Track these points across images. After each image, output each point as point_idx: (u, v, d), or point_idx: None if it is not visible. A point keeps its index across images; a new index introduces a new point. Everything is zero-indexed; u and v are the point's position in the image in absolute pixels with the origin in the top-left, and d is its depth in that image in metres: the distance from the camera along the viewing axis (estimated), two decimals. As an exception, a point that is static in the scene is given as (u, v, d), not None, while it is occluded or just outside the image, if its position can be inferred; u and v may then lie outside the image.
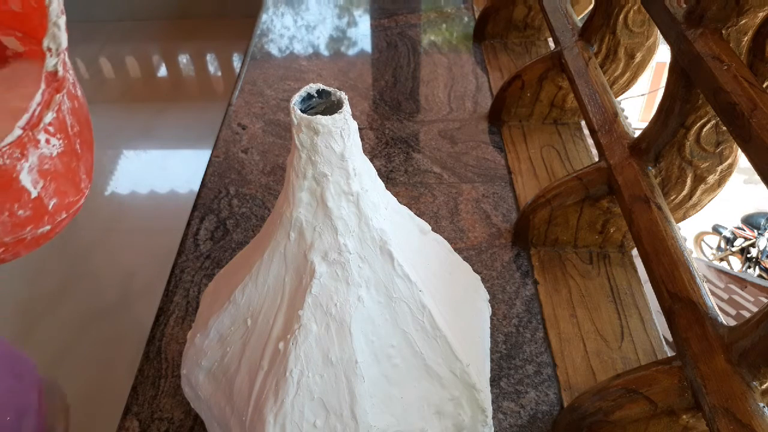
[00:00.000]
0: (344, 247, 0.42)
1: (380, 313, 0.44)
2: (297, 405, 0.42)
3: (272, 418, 0.41)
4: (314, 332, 0.42)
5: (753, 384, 0.41)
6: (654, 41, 0.77)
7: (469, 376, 0.47)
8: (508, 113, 0.91)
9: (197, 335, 0.48)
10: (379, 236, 0.43)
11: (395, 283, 0.44)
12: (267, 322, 0.45)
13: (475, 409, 0.48)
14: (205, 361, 0.47)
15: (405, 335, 0.45)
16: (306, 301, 0.42)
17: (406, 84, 1.03)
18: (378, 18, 1.24)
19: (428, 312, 0.45)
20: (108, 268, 1.66)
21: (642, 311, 0.65)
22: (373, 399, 0.43)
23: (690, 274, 0.49)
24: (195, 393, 0.49)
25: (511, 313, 0.65)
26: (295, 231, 0.42)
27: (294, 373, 0.41)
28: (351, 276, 0.42)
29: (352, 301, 0.42)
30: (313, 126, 0.38)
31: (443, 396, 0.46)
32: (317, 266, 0.42)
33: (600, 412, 0.49)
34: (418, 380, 0.45)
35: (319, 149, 0.39)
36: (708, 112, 0.53)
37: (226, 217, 0.78)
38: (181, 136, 2.06)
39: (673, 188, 0.60)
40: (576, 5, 0.96)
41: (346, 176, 0.41)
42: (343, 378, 0.42)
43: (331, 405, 0.42)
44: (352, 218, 0.42)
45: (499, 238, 0.74)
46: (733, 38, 0.50)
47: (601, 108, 0.69)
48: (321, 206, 0.41)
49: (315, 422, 0.42)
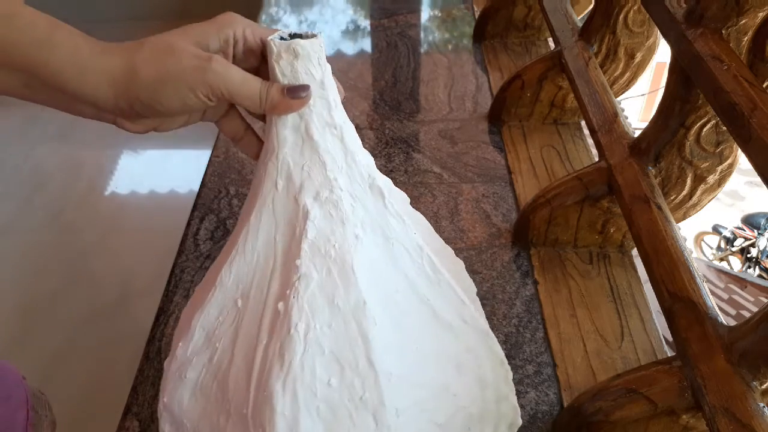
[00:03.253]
0: (335, 182, 0.40)
1: (380, 256, 0.41)
2: (307, 364, 0.37)
3: (280, 386, 0.37)
4: (316, 279, 0.38)
5: (753, 384, 0.41)
6: (654, 41, 0.77)
7: (479, 322, 0.44)
8: (508, 113, 0.91)
9: (179, 344, 0.43)
10: (367, 172, 0.41)
11: (389, 222, 0.42)
12: (261, 291, 0.41)
13: (494, 360, 0.45)
14: (191, 372, 0.42)
15: (407, 279, 0.42)
16: (303, 249, 0.39)
17: (406, 84, 1.03)
18: (378, 18, 1.24)
19: (426, 255, 0.43)
20: (108, 268, 1.66)
21: (642, 311, 0.65)
22: (388, 346, 0.39)
23: (690, 274, 0.49)
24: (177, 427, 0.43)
25: (511, 313, 0.65)
26: (283, 176, 0.40)
27: (300, 328, 0.37)
28: (345, 215, 0.40)
29: (351, 240, 0.39)
30: (293, 48, 0.37)
31: (458, 347, 0.43)
32: (310, 208, 0.39)
33: (600, 412, 0.49)
34: (429, 330, 0.42)
35: (299, 76, 0.38)
36: (708, 112, 0.53)
37: (226, 217, 0.78)
38: (181, 136, 2.06)
39: (673, 188, 0.60)
40: (576, 5, 0.96)
41: (328, 107, 0.40)
42: (353, 323, 0.38)
43: (345, 357, 0.38)
44: (339, 153, 0.40)
45: (499, 238, 0.74)
46: (733, 38, 0.50)
47: (601, 108, 0.69)
48: (307, 141, 0.40)
49: (330, 381, 0.38)
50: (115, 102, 0.35)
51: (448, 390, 0.42)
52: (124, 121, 0.38)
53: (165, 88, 0.35)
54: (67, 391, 1.28)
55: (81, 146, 2.01)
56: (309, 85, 0.38)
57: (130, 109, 0.36)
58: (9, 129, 2.11)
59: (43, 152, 2.01)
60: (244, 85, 0.37)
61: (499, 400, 0.45)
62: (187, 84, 0.35)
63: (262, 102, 0.37)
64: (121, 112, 0.36)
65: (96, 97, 0.35)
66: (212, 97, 0.36)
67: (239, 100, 0.37)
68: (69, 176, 1.94)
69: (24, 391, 0.54)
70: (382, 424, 0.38)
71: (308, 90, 0.38)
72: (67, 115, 0.38)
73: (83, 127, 2.33)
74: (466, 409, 0.43)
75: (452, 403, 0.42)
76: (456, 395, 0.42)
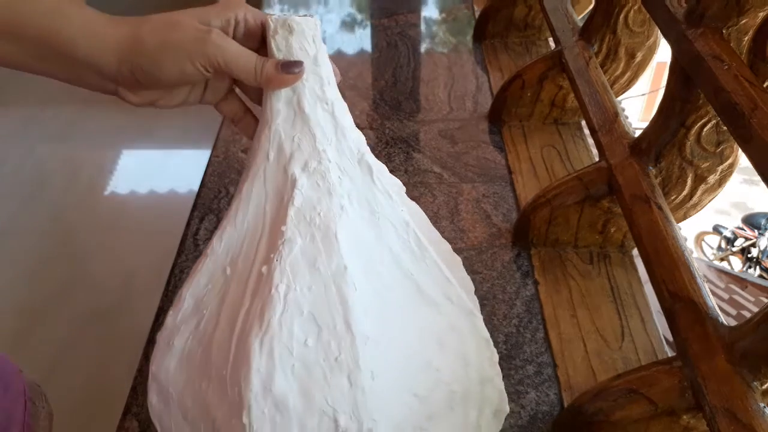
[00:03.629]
0: (323, 153, 0.41)
1: (365, 229, 0.42)
2: (285, 323, 0.38)
3: (258, 344, 0.38)
4: (299, 244, 0.40)
5: (754, 384, 0.41)
6: (654, 41, 0.77)
7: (465, 301, 0.45)
8: (508, 113, 0.91)
9: (169, 313, 0.44)
10: (356, 147, 0.43)
11: (376, 197, 0.43)
12: (248, 258, 0.42)
13: (479, 339, 0.45)
14: (178, 339, 0.43)
15: (392, 253, 0.43)
16: (289, 215, 0.40)
17: (406, 84, 1.03)
18: (378, 18, 1.24)
19: (413, 231, 0.44)
20: (108, 268, 1.66)
21: (642, 311, 0.65)
22: (367, 312, 0.40)
23: (690, 274, 0.49)
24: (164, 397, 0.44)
25: (511, 313, 0.65)
26: (274, 148, 0.42)
27: (280, 289, 0.38)
28: (332, 186, 0.41)
29: (336, 210, 0.41)
30: (288, 24, 0.39)
31: (442, 324, 0.44)
32: (298, 177, 0.41)
33: (600, 413, 0.49)
34: (413, 305, 0.43)
35: (293, 51, 0.40)
36: (708, 111, 0.53)
37: (226, 217, 0.78)
38: (181, 136, 2.06)
39: (674, 188, 0.60)
40: (576, 5, 0.96)
41: (321, 82, 0.41)
42: (333, 287, 0.39)
43: (323, 318, 0.39)
44: (329, 127, 0.42)
45: (499, 238, 0.74)
46: (734, 38, 0.49)
47: (601, 108, 0.69)
48: (299, 114, 0.41)
49: (306, 341, 0.38)
50: (118, 68, 0.37)
51: (430, 364, 0.43)
52: (125, 91, 0.39)
53: (165, 56, 0.37)
54: (68, 391, 1.28)
55: (81, 146, 2.02)
56: (302, 62, 0.40)
57: (131, 77, 0.38)
58: (9, 129, 2.11)
59: (43, 152, 2.01)
60: (241, 57, 0.38)
61: (483, 382, 0.45)
62: (186, 53, 0.37)
63: (257, 75, 0.39)
64: (123, 80, 0.38)
65: (101, 64, 0.37)
66: (209, 68, 0.38)
67: (236, 72, 0.39)
68: (69, 176, 1.94)
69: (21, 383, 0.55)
70: (356, 386, 0.38)
71: (301, 66, 0.40)
72: (67, 116, 0.39)
73: (83, 127, 2.34)
74: (448, 386, 0.43)
75: (434, 377, 0.43)
76: (438, 370, 0.43)
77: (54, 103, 2.12)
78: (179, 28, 0.37)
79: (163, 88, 0.40)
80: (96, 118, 2.02)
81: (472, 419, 0.45)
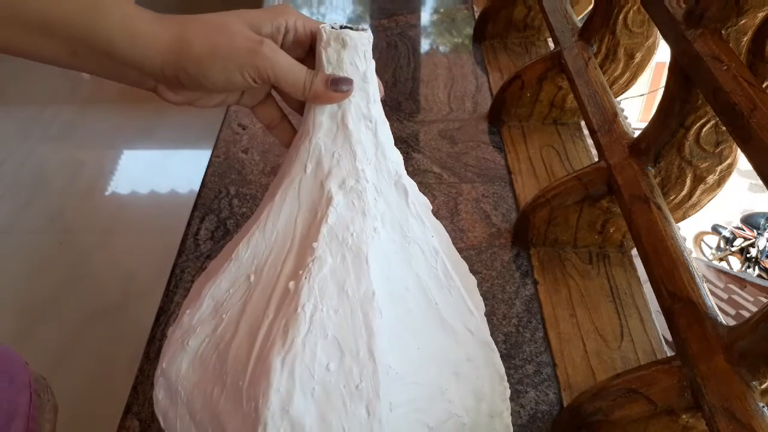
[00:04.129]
0: (362, 173, 0.40)
1: (395, 252, 0.41)
2: (309, 344, 0.37)
3: (279, 363, 0.37)
4: (329, 263, 0.39)
5: (753, 384, 0.41)
6: (654, 41, 0.77)
7: (484, 334, 0.44)
8: (507, 113, 0.91)
9: (186, 311, 0.43)
10: (395, 169, 0.42)
11: (409, 222, 0.42)
12: (275, 269, 0.40)
13: (493, 374, 0.45)
14: (194, 340, 0.42)
15: (419, 280, 0.42)
16: (321, 232, 0.39)
17: (406, 84, 1.03)
18: (378, 18, 1.24)
19: (441, 259, 0.43)
20: (108, 268, 1.66)
21: (642, 311, 0.65)
22: (390, 341, 0.39)
23: (689, 273, 0.49)
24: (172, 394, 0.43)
25: (510, 313, 0.65)
26: (313, 161, 0.41)
27: (307, 308, 0.37)
28: (367, 207, 0.40)
29: (369, 232, 0.40)
30: (342, 38, 0.38)
31: (459, 355, 0.43)
32: (334, 194, 0.40)
33: (600, 412, 0.49)
34: (433, 333, 0.42)
35: (344, 65, 0.39)
36: (707, 112, 0.54)
37: (226, 217, 0.78)
38: (181, 136, 2.06)
39: (673, 188, 0.60)
40: (576, 5, 0.96)
41: (367, 100, 0.41)
42: (360, 313, 0.38)
43: (347, 343, 0.38)
44: (370, 145, 0.41)
45: (498, 238, 0.74)
46: (733, 38, 0.50)
47: (600, 108, 0.69)
48: (341, 129, 0.40)
49: (328, 365, 0.37)
50: (162, 70, 0.36)
51: (443, 395, 0.42)
52: (165, 89, 0.38)
53: (214, 63, 0.35)
54: (68, 391, 1.28)
55: (81, 146, 2.01)
56: (352, 80, 0.39)
57: (174, 79, 0.36)
58: (9, 129, 2.11)
59: (43, 152, 2.01)
60: (291, 71, 0.37)
61: (493, 416, 0.45)
62: (237, 63, 0.36)
63: (306, 90, 0.38)
64: (165, 80, 0.37)
65: (143, 63, 0.35)
66: (258, 80, 0.37)
67: (284, 85, 0.38)
68: (69, 176, 1.94)
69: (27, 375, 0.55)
70: (374, 416, 0.38)
71: (351, 84, 0.39)
72: (67, 116, 0.38)
73: (83, 127, 2.34)
74: (459, 418, 0.43)
75: (446, 408, 0.42)
76: (451, 402, 0.42)
77: (54, 103, 2.12)
78: (229, 34, 0.35)
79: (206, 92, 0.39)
80: (96, 118, 2.01)
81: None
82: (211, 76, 0.36)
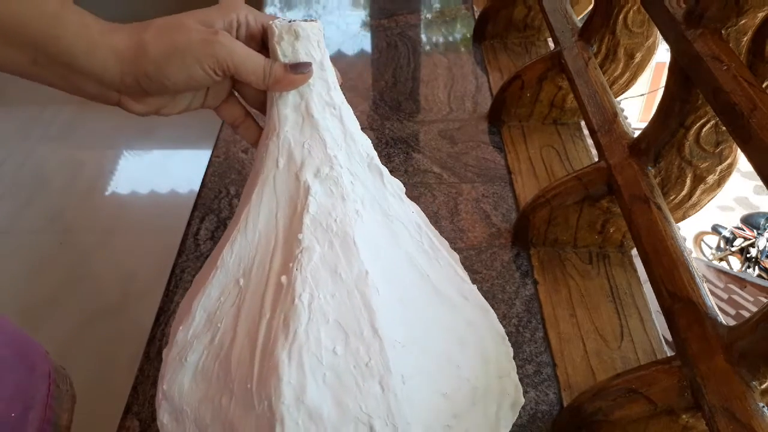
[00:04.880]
0: (335, 159, 0.41)
1: (380, 231, 0.42)
2: (312, 332, 0.37)
3: (286, 356, 0.37)
4: (318, 252, 0.39)
5: (753, 384, 0.41)
6: (654, 41, 0.77)
7: (478, 298, 0.45)
8: (507, 113, 0.91)
9: (179, 329, 0.43)
10: (365, 151, 0.43)
11: (388, 200, 0.43)
12: (263, 269, 0.41)
13: (495, 335, 0.45)
14: (192, 355, 0.42)
15: (408, 255, 0.42)
16: (305, 223, 0.39)
17: (406, 84, 1.03)
18: (378, 18, 1.24)
19: (425, 233, 0.43)
20: (108, 268, 1.66)
21: (642, 311, 0.65)
22: (392, 316, 0.39)
23: (689, 273, 0.49)
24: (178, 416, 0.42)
25: (510, 313, 0.65)
26: (284, 155, 0.41)
27: (303, 298, 0.38)
28: (346, 191, 0.41)
29: (351, 215, 0.40)
30: (294, 29, 0.39)
31: (459, 321, 0.44)
32: (311, 184, 0.40)
33: (600, 412, 0.49)
34: (430, 303, 0.43)
35: (299, 56, 0.39)
36: (707, 112, 0.54)
37: (226, 217, 0.78)
38: (181, 136, 2.06)
39: (673, 188, 0.60)
40: (576, 5, 0.96)
41: (327, 87, 0.41)
42: (356, 293, 0.39)
43: (349, 325, 0.38)
44: (338, 132, 0.42)
45: (498, 238, 0.74)
46: (733, 38, 0.50)
47: (600, 108, 0.69)
48: (307, 120, 0.41)
49: (335, 348, 0.38)
50: (122, 78, 0.36)
51: (452, 362, 0.42)
52: (128, 100, 0.38)
53: (173, 60, 0.36)
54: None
55: (81, 146, 2.02)
56: (311, 63, 0.40)
57: (136, 86, 0.36)
58: (9, 129, 2.11)
59: (43, 152, 2.01)
60: (249, 59, 0.38)
61: (501, 376, 0.45)
62: (195, 56, 0.36)
63: (266, 77, 0.39)
64: (126, 89, 0.37)
65: (103, 74, 0.35)
66: (218, 71, 0.37)
67: (244, 73, 0.38)
68: (69, 176, 1.94)
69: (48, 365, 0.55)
70: (389, 390, 0.38)
71: (310, 67, 0.40)
72: (67, 116, 0.38)
73: (83, 127, 2.35)
74: (470, 383, 0.43)
75: (457, 374, 0.42)
76: (460, 367, 0.43)
77: (54, 103, 2.12)
78: (184, 30, 0.36)
79: (169, 95, 0.39)
80: (96, 118, 2.02)
81: (491, 413, 0.45)
82: (172, 75, 0.36)
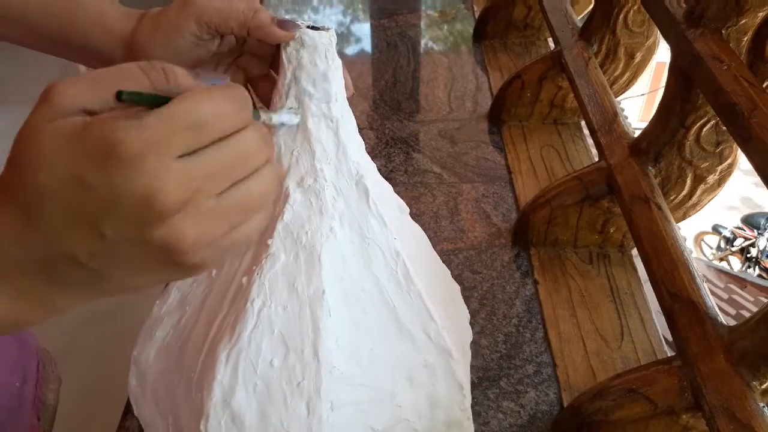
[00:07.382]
0: (320, 172, 0.40)
1: (352, 253, 0.41)
2: (255, 339, 0.38)
3: (225, 356, 0.38)
4: (282, 261, 0.39)
5: (753, 384, 0.41)
6: (654, 41, 0.77)
7: (445, 341, 0.44)
8: (508, 113, 0.91)
9: (156, 302, 0.44)
10: (356, 169, 0.42)
11: (369, 222, 0.42)
12: (233, 266, 0.41)
13: (451, 382, 0.45)
14: (160, 331, 0.43)
15: (377, 282, 0.42)
16: (277, 229, 0.39)
17: (406, 84, 1.03)
18: (378, 18, 1.24)
19: (402, 261, 0.43)
20: (108, 268, 1.66)
21: (642, 311, 0.65)
22: (339, 341, 0.40)
23: (690, 273, 0.49)
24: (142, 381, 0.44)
25: (511, 313, 0.65)
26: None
27: (255, 303, 0.38)
28: (325, 206, 0.40)
29: (324, 231, 0.40)
30: (300, 37, 0.39)
31: (416, 360, 0.43)
32: (292, 192, 0.40)
33: (600, 412, 0.49)
34: (388, 337, 0.42)
35: (304, 65, 0.39)
36: (708, 112, 0.54)
37: (226, 217, 0.78)
38: (181, 136, 2.06)
39: (673, 188, 0.60)
40: (576, 5, 0.96)
41: (327, 99, 0.41)
42: (308, 310, 0.39)
43: (292, 341, 0.38)
44: (331, 145, 0.41)
45: (499, 237, 0.74)
46: (733, 38, 0.50)
47: (600, 108, 0.69)
48: (300, 127, 0.41)
49: (272, 361, 0.38)
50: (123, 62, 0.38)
51: (393, 398, 0.42)
52: None
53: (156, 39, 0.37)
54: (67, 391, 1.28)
55: (81, 146, 2.01)
56: (299, 24, 0.39)
57: None
58: (9, 129, 2.11)
59: (43, 152, 2.01)
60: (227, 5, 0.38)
61: (450, 425, 0.45)
62: (174, 26, 0.37)
63: (247, 19, 0.38)
64: None
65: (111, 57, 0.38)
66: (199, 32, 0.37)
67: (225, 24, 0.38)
68: (69, 176, 1.94)
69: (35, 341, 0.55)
70: (314, 414, 0.38)
71: (297, 28, 0.39)
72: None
73: (83, 127, 2.33)
74: (410, 424, 0.43)
75: (394, 413, 0.42)
76: (401, 407, 0.43)
77: (54, 103, 2.12)
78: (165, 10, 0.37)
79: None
80: (96, 118, 2.01)
81: None
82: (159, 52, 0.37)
